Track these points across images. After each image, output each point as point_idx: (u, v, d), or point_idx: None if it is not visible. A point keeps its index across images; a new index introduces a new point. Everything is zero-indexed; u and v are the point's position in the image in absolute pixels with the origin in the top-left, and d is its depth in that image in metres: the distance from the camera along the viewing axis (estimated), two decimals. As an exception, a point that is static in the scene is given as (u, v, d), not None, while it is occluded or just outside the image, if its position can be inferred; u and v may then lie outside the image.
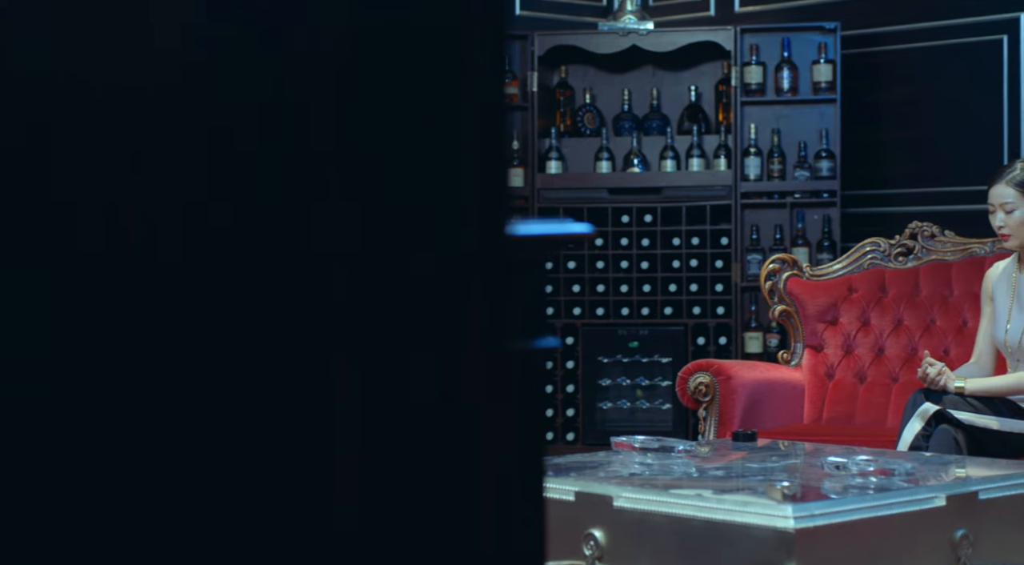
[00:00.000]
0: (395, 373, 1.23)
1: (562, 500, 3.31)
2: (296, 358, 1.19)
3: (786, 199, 6.22)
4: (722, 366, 5.07)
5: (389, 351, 1.23)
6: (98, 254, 1.10)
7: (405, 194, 1.26)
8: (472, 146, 1.30)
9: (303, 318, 1.19)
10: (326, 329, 1.20)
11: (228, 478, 1.16)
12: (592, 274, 6.27)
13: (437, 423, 1.29)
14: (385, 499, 1.24)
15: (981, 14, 5.90)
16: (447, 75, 1.29)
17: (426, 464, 1.26)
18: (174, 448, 1.13)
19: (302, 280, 1.18)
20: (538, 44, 6.30)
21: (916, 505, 3.16)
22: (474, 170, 1.30)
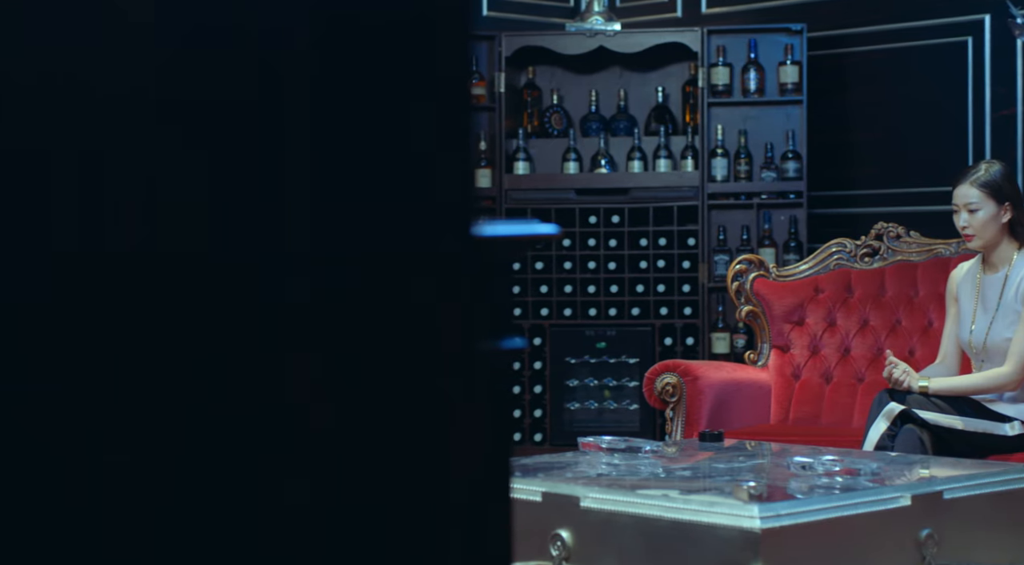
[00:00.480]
0: (364, 374, 1.23)
1: (529, 501, 3.31)
2: (264, 361, 1.18)
3: (753, 200, 6.24)
4: (689, 367, 5.08)
5: (358, 352, 1.23)
6: (66, 253, 1.10)
7: (373, 195, 1.25)
8: (439, 147, 1.30)
9: (271, 320, 1.19)
10: (295, 330, 1.20)
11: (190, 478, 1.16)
12: (560, 275, 6.28)
13: (406, 424, 1.29)
14: (351, 501, 1.24)
15: (946, 16, 5.93)
16: (415, 76, 1.29)
17: (394, 465, 1.26)
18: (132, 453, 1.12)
19: (270, 281, 1.18)
20: (505, 45, 6.30)
21: (881, 505, 3.17)
22: (441, 171, 1.30)
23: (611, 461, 3.72)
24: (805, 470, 3.43)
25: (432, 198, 1.30)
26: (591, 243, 6.26)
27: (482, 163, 6.34)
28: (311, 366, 1.20)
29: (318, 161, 1.21)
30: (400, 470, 1.26)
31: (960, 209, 4.40)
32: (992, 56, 5.80)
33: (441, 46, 1.31)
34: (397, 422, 1.27)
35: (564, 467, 3.68)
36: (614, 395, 6.29)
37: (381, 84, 1.27)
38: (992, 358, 4.35)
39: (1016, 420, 4.28)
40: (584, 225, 6.26)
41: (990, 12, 5.77)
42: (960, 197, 4.40)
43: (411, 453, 1.27)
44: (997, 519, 3.43)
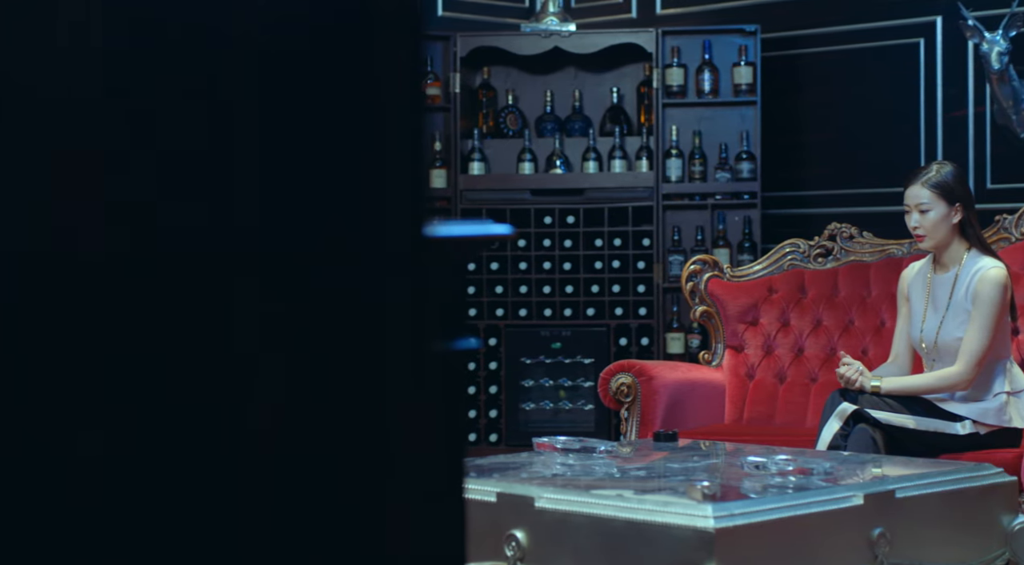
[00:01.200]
0: (313, 374, 1.23)
1: (484, 501, 3.31)
2: (209, 360, 1.18)
3: (707, 200, 6.26)
4: (644, 367, 5.09)
5: (305, 351, 1.22)
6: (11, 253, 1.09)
7: (322, 195, 1.25)
8: (390, 147, 1.30)
9: (218, 318, 1.18)
10: (241, 329, 1.20)
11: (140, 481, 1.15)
12: (515, 275, 6.28)
13: (353, 424, 1.29)
14: (297, 501, 1.23)
15: (898, 18, 5.97)
16: (365, 75, 1.28)
17: (341, 466, 1.25)
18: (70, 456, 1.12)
19: (218, 278, 1.18)
20: (460, 45, 6.30)
21: (834, 504, 3.19)
22: (391, 170, 1.30)
23: (566, 461, 3.72)
24: (759, 470, 3.44)
25: (383, 198, 1.30)
26: (546, 243, 6.26)
27: (437, 163, 6.34)
28: (257, 366, 1.19)
29: (266, 162, 1.20)
30: (347, 470, 1.26)
31: (911, 210, 4.43)
32: (944, 58, 5.84)
33: (392, 47, 1.30)
34: (344, 422, 1.26)
35: (519, 467, 3.68)
36: (569, 395, 6.29)
37: (331, 85, 1.26)
38: (943, 357, 4.38)
39: (967, 419, 4.31)
40: (539, 226, 6.26)
41: (942, 14, 5.81)
42: (911, 198, 4.43)
43: (358, 454, 1.27)
44: (948, 518, 3.46)
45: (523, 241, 6.26)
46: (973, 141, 5.76)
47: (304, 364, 1.22)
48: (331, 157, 1.26)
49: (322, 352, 1.23)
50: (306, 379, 1.22)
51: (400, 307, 1.30)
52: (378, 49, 1.29)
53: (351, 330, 1.25)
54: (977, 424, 4.32)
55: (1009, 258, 4.78)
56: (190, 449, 1.17)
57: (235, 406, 1.19)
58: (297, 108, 1.24)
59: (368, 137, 1.28)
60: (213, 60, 1.18)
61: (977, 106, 5.74)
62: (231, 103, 1.20)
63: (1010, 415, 4.32)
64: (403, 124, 1.31)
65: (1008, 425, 4.32)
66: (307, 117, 1.24)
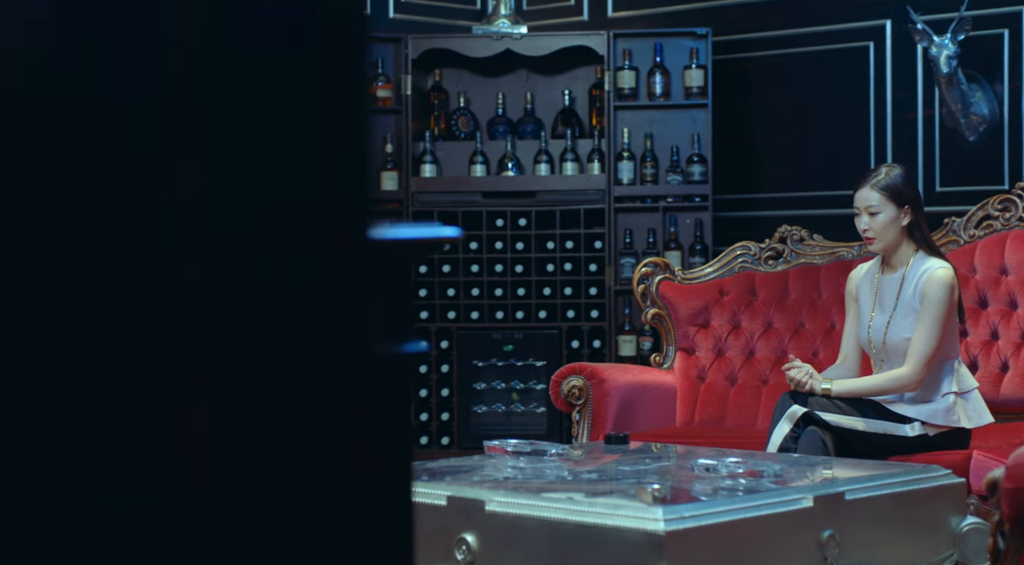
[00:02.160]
0: (253, 376, 1.21)
1: (434, 505, 3.30)
2: (146, 360, 1.16)
3: (659, 203, 6.27)
4: (595, 369, 5.09)
5: (247, 354, 1.21)
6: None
7: (265, 197, 1.24)
8: (335, 149, 1.29)
9: (160, 322, 1.17)
10: (183, 332, 1.18)
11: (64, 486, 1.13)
12: (467, 278, 6.27)
13: (297, 429, 1.27)
14: (238, 507, 1.22)
15: (848, 21, 5.99)
16: (310, 79, 1.27)
17: (283, 470, 1.24)
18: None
19: (151, 279, 1.16)
20: (411, 47, 6.28)
21: (784, 506, 3.19)
22: (337, 173, 1.29)
23: (516, 464, 3.71)
24: (709, 472, 3.44)
25: (327, 200, 1.28)
26: (498, 246, 6.25)
27: (388, 165, 6.32)
28: (198, 368, 1.18)
29: (202, 162, 1.19)
30: (289, 475, 1.24)
31: (861, 212, 4.45)
32: (893, 61, 5.87)
33: (336, 49, 1.29)
34: (286, 426, 1.25)
35: (469, 471, 3.67)
36: (521, 398, 6.29)
37: (274, 87, 1.25)
38: (891, 357, 4.40)
39: (916, 421, 4.33)
40: (491, 228, 6.25)
41: (891, 18, 5.84)
42: (861, 200, 4.45)
43: (300, 458, 1.25)
44: (897, 519, 3.47)
45: (475, 244, 6.25)
46: (922, 144, 5.79)
47: (240, 366, 1.20)
48: (272, 158, 1.24)
49: (259, 354, 1.21)
50: (242, 382, 1.20)
51: (342, 309, 1.28)
52: (323, 50, 1.28)
53: (290, 332, 1.24)
54: (926, 425, 4.34)
55: (957, 261, 4.81)
56: (122, 451, 1.16)
57: (170, 408, 1.17)
58: (240, 114, 1.22)
59: (310, 138, 1.27)
60: (145, 66, 1.17)
61: (926, 109, 5.77)
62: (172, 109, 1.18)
63: (958, 416, 4.34)
64: (347, 126, 1.30)
65: (956, 426, 4.35)
66: (247, 117, 1.23)
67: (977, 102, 5.57)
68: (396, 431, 1.62)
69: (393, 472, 1.59)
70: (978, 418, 4.38)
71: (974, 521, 3.55)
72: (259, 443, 1.24)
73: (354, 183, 1.31)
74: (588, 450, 4.25)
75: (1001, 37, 5.57)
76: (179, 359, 1.18)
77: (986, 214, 5.13)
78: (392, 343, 1.69)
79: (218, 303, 1.20)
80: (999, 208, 5.10)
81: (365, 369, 1.32)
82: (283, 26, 1.26)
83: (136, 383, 1.16)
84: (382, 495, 1.51)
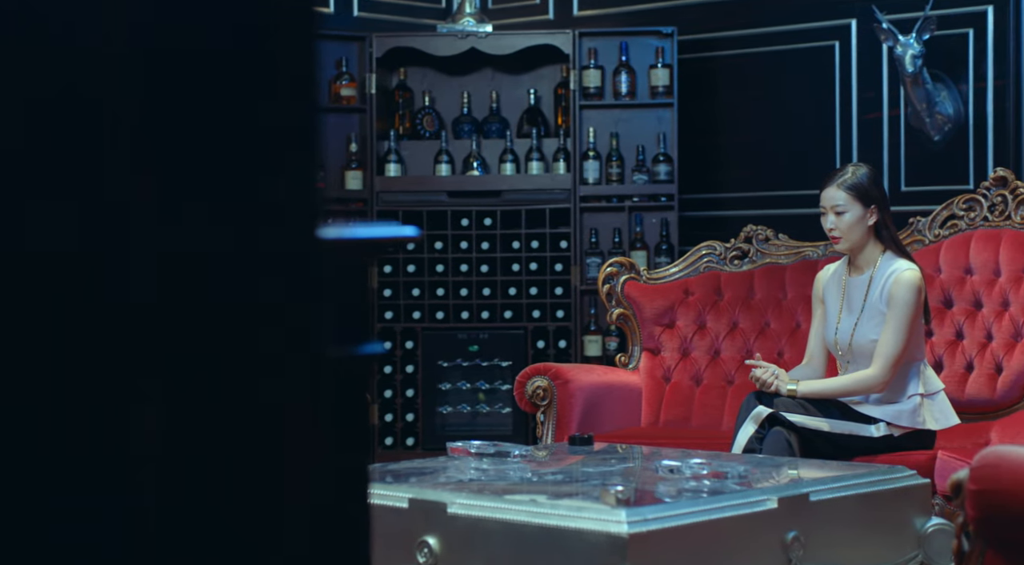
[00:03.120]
0: (197, 379, 1.18)
1: (395, 507, 3.26)
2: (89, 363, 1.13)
3: (624, 203, 6.25)
4: (560, 370, 5.06)
5: (190, 356, 1.17)
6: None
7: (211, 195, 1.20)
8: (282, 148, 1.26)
9: (96, 318, 1.13)
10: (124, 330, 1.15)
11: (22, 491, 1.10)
12: (432, 278, 6.23)
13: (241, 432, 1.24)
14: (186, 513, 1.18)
15: (814, 21, 5.98)
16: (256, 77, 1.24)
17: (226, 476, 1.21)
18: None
19: (97, 279, 1.13)
20: (376, 46, 6.25)
21: (748, 507, 3.17)
22: (284, 172, 1.26)
23: (480, 466, 3.68)
24: (673, 474, 3.42)
25: (274, 200, 1.25)
26: (463, 246, 6.22)
27: (353, 165, 6.28)
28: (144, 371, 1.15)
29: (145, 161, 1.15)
30: (235, 478, 1.21)
31: (827, 211, 4.43)
32: (859, 61, 5.86)
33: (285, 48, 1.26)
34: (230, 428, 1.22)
35: (432, 472, 3.64)
36: (487, 399, 6.26)
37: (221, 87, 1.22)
38: (857, 359, 4.39)
39: (881, 422, 4.32)
40: (456, 228, 6.22)
41: (857, 17, 5.84)
42: (827, 200, 4.43)
43: (246, 461, 1.22)
44: (862, 520, 3.45)
45: (440, 243, 6.22)
46: (887, 144, 5.79)
47: (185, 369, 1.17)
48: (218, 158, 1.21)
49: (205, 355, 1.18)
50: (187, 384, 1.17)
51: (289, 310, 1.25)
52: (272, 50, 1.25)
53: (235, 333, 1.20)
54: (891, 426, 4.33)
55: (923, 260, 4.80)
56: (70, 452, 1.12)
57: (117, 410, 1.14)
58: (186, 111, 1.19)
59: (258, 138, 1.24)
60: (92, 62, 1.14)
61: (892, 109, 5.77)
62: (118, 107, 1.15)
63: (924, 417, 4.34)
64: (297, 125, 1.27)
65: (922, 427, 4.34)
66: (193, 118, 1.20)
67: (942, 102, 5.57)
68: (350, 432, 1.59)
69: (348, 474, 1.56)
70: (944, 419, 4.37)
71: (939, 522, 3.53)
72: (205, 445, 1.20)
73: (302, 183, 1.28)
74: (552, 451, 4.22)
75: (966, 37, 5.57)
76: (126, 361, 1.15)
77: (951, 214, 5.13)
78: (347, 344, 1.66)
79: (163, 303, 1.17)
80: (964, 208, 5.10)
81: (314, 370, 1.28)
82: (232, 26, 1.23)
83: (83, 385, 1.13)
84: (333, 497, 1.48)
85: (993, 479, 2.44)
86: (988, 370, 4.84)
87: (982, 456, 2.49)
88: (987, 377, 4.83)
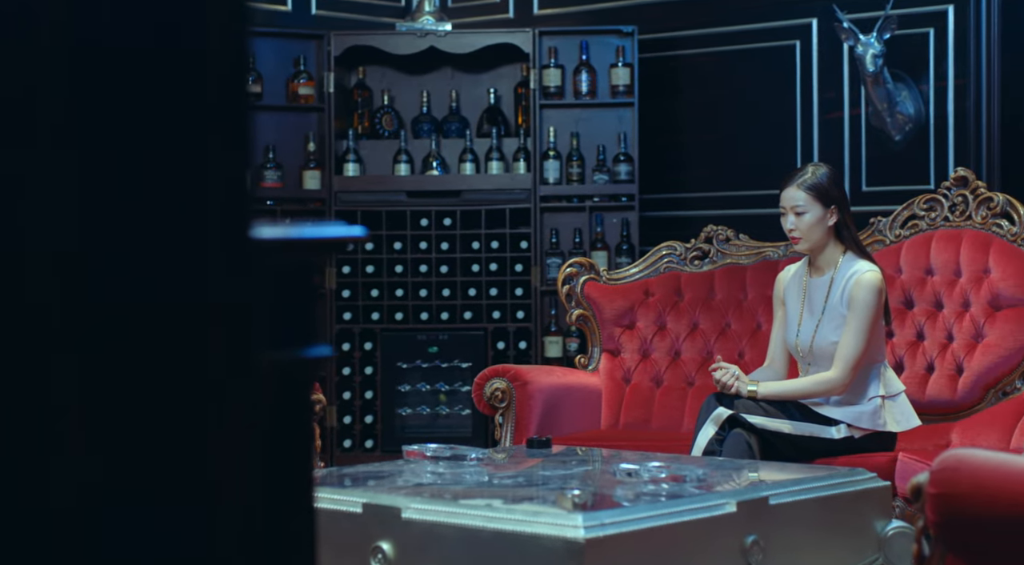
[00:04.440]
0: (116, 385, 1.13)
1: (349, 512, 3.21)
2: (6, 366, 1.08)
3: (585, 203, 6.22)
4: (518, 372, 5.01)
5: (109, 361, 1.12)
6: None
7: (130, 194, 1.15)
8: (209, 147, 1.20)
9: (13, 321, 1.08)
10: (39, 331, 1.10)
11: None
12: (391, 278, 6.18)
13: (167, 439, 1.19)
14: (113, 516, 1.13)
15: (774, 20, 5.96)
16: (177, 69, 1.19)
17: (153, 486, 1.15)
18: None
19: (10, 279, 1.07)
20: (334, 44, 6.19)
21: (707, 512, 3.13)
22: (208, 171, 1.21)
23: (436, 470, 3.63)
24: (631, 477, 3.37)
25: (203, 202, 1.20)
26: (423, 246, 6.17)
27: (311, 165, 6.22)
28: (59, 382, 1.09)
29: (76, 159, 1.10)
30: (161, 488, 1.16)
31: (787, 212, 4.40)
32: (820, 60, 5.84)
33: (212, 44, 1.21)
34: (155, 434, 1.16)
35: (387, 477, 3.59)
36: (447, 400, 6.21)
37: (145, 83, 1.17)
38: (818, 361, 4.36)
39: (842, 423, 4.29)
40: (415, 228, 6.17)
41: (817, 16, 5.81)
42: (787, 200, 4.40)
43: (172, 470, 1.17)
44: (822, 524, 3.42)
45: (399, 244, 6.17)
46: (848, 144, 5.77)
47: (108, 376, 1.11)
48: (143, 159, 1.16)
49: (128, 357, 1.12)
50: (108, 393, 1.11)
51: (218, 312, 1.20)
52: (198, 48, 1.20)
53: (159, 337, 1.15)
54: (852, 428, 4.30)
55: (883, 261, 4.78)
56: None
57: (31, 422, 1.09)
58: (106, 107, 1.14)
59: (182, 136, 1.19)
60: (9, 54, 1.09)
61: (852, 109, 5.75)
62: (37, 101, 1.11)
63: (884, 419, 4.31)
64: (225, 124, 1.22)
65: (883, 429, 4.31)
66: (117, 118, 1.15)
67: (903, 101, 5.55)
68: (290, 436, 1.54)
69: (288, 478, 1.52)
70: (905, 421, 4.35)
71: (899, 525, 3.50)
72: (131, 448, 1.15)
73: (233, 183, 1.22)
74: (510, 454, 4.17)
75: (927, 36, 5.56)
76: (37, 368, 1.10)
77: (912, 214, 5.10)
78: (289, 347, 1.61)
79: (85, 306, 1.12)
80: (924, 208, 5.08)
81: (244, 373, 1.23)
82: (155, 23, 1.18)
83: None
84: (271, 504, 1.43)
85: (953, 483, 2.41)
86: (949, 371, 4.82)
87: (942, 460, 2.46)
88: (948, 378, 4.81)
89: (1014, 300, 4.76)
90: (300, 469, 1.57)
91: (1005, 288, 4.78)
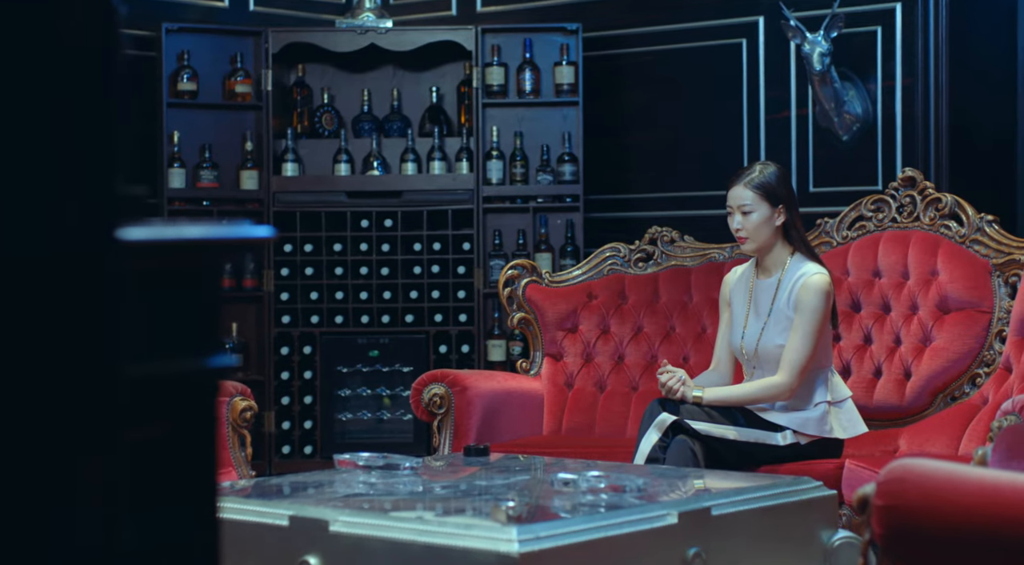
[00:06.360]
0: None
1: (275, 525, 3.08)
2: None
3: (529, 204, 6.10)
4: (457, 376, 4.88)
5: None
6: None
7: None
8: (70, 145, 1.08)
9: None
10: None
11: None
12: (330, 281, 6.05)
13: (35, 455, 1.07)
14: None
15: (721, 18, 5.86)
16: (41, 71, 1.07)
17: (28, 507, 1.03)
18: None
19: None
20: (273, 41, 6.05)
21: (647, 523, 3.02)
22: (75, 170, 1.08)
23: (367, 480, 3.50)
24: (569, 487, 3.26)
25: (64, 200, 1.08)
26: (363, 248, 6.04)
27: (248, 164, 6.08)
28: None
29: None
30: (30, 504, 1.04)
31: (734, 211, 4.30)
32: (766, 59, 5.75)
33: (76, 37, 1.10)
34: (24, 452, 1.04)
35: (316, 487, 3.46)
36: (389, 405, 6.08)
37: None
38: (764, 365, 4.26)
39: (788, 430, 4.20)
40: (356, 229, 6.04)
41: (764, 15, 5.72)
42: (734, 199, 4.30)
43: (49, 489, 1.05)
44: (766, 534, 3.31)
45: (339, 245, 6.04)
46: (796, 143, 5.68)
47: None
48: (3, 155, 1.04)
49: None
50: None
51: (83, 319, 1.07)
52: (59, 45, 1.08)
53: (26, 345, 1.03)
54: (798, 434, 4.20)
55: (831, 263, 4.69)
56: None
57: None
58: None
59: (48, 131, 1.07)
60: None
61: (800, 108, 5.66)
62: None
63: (831, 425, 4.22)
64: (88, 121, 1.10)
65: (829, 435, 4.22)
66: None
67: (850, 101, 5.47)
68: (184, 447, 1.45)
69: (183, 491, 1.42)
70: (852, 428, 4.26)
71: (846, 535, 3.40)
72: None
73: (98, 182, 1.10)
74: (446, 463, 4.04)
75: (874, 35, 5.47)
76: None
77: (859, 215, 5.01)
78: (183, 356, 1.50)
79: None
80: (872, 209, 4.99)
81: (106, 386, 1.10)
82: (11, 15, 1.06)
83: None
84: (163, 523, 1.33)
85: (900, 494, 2.32)
86: (897, 375, 4.73)
87: (889, 470, 2.37)
88: (896, 383, 4.72)
89: (963, 303, 4.67)
90: (196, 480, 1.46)
91: (953, 290, 4.69)
